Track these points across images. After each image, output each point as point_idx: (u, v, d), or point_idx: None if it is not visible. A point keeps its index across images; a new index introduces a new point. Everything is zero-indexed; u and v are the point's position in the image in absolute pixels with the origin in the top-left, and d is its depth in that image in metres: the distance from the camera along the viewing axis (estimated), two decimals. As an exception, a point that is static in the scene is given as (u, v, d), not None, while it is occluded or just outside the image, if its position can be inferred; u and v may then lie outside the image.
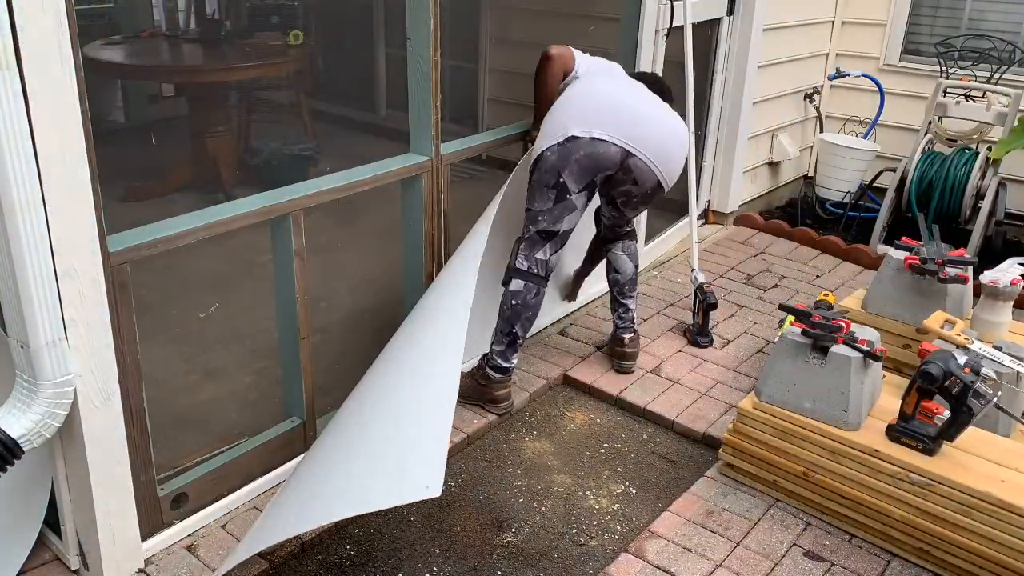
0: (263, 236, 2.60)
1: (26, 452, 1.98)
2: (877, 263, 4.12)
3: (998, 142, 4.23)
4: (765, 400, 2.63)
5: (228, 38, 4.63)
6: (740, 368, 3.39)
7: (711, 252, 4.48)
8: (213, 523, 2.49)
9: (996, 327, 2.96)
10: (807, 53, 5.04)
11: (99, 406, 2.08)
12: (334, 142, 4.66)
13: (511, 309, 2.91)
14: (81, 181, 1.91)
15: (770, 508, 2.64)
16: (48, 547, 2.36)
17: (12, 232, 1.81)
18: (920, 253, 3.13)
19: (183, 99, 4.60)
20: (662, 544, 2.48)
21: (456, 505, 2.67)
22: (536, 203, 2.86)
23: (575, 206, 2.85)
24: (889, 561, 2.45)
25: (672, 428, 3.05)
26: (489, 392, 3.00)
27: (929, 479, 2.36)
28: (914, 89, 5.04)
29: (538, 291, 2.92)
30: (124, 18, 4.92)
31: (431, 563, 2.43)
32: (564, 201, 2.83)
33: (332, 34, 5.06)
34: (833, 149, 5.04)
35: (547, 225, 2.87)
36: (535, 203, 2.87)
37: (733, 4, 4.28)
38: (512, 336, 2.94)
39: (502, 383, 3.00)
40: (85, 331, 2.00)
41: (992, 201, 4.32)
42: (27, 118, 1.78)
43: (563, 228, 2.88)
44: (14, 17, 1.71)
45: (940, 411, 2.41)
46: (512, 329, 2.93)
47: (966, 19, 4.98)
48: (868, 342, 2.52)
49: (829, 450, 2.52)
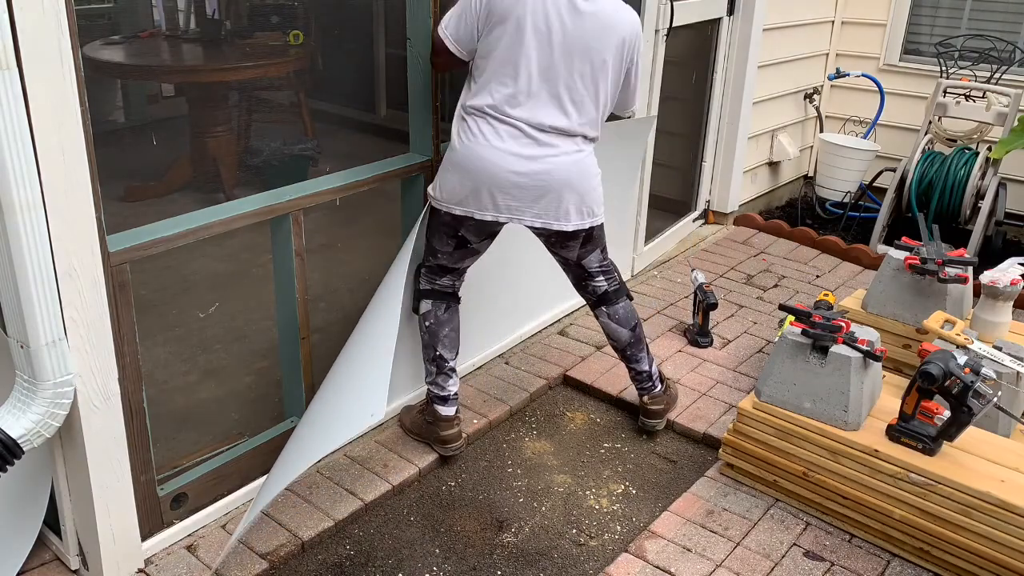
0: (263, 236, 2.60)
1: (26, 452, 1.98)
2: (877, 263, 4.13)
3: (998, 142, 4.23)
4: (765, 400, 2.63)
5: (228, 38, 4.62)
6: (740, 368, 3.39)
7: (711, 252, 4.48)
8: (213, 523, 2.49)
9: (996, 327, 2.96)
10: (807, 53, 5.04)
11: (99, 406, 2.08)
12: (334, 142, 4.66)
13: (428, 332, 2.77)
14: (81, 181, 1.91)
15: (770, 508, 2.64)
16: (48, 547, 2.36)
17: (12, 232, 1.81)
18: (920, 253, 3.13)
19: (183, 99, 4.60)
20: (662, 544, 2.48)
21: (456, 505, 2.67)
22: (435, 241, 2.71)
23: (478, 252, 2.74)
24: (889, 561, 2.45)
25: (672, 428, 3.05)
26: (436, 431, 2.80)
27: (929, 479, 2.36)
28: (914, 89, 5.04)
29: (447, 307, 2.77)
30: (124, 18, 4.91)
31: (431, 563, 2.43)
32: (465, 248, 2.71)
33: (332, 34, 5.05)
34: (833, 149, 5.03)
35: (445, 261, 2.73)
36: (433, 241, 2.71)
37: (733, 4, 4.28)
38: (438, 360, 2.77)
39: (448, 421, 2.79)
40: (85, 331, 2.00)
41: (992, 201, 4.32)
42: (27, 118, 1.78)
43: (464, 266, 2.78)
44: (14, 17, 1.71)
45: (940, 411, 2.41)
46: (436, 352, 2.77)
47: (966, 19, 4.98)
48: (868, 342, 2.52)
49: (829, 450, 2.52)
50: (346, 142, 4.63)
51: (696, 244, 4.59)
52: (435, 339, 2.78)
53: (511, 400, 3.13)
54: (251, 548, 2.40)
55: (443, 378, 2.80)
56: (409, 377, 3.05)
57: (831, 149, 5.05)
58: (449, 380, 2.81)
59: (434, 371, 2.80)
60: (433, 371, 2.81)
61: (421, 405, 2.94)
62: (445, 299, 2.78)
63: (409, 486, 2.73)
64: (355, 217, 3.41)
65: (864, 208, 5.06)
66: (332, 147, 4.39)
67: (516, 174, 2.50)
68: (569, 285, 3.65)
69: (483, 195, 2.52)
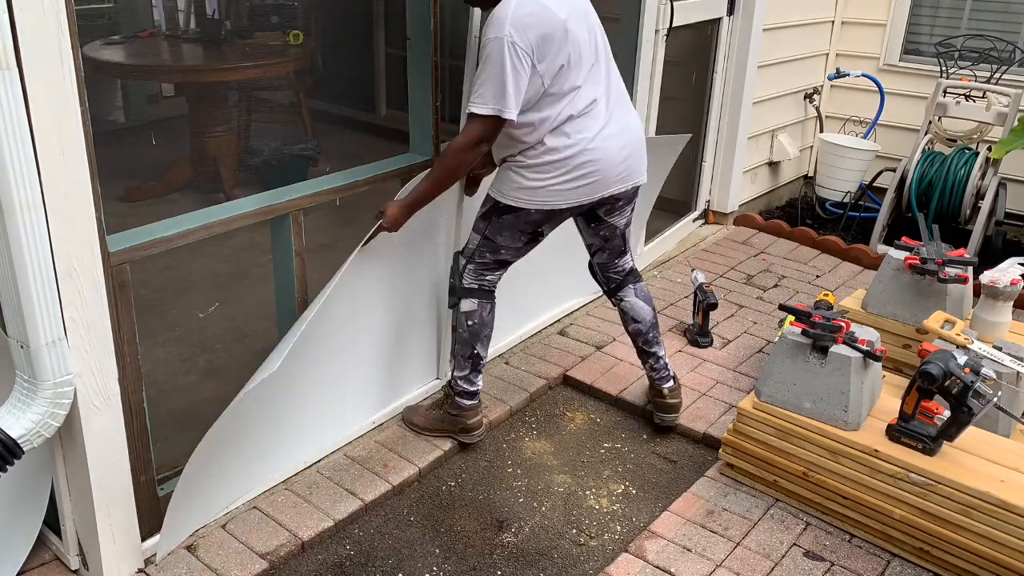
0: (263, 236, 2.61)
1: (26, 452, 1.98)
2: (877, 263, 4.13)
3: (998, 142, 4.23)
4: (765, 400, 2.63)
5: (228, 38, 4.63)
6: (740, 368, 3.39)
7: (711, 252, 4.48)
8: (213, 523, 2.49)
9: (996, 327, 2.96)
10: (807, 53, 5.04)
11: (99, 406, 2.08)
12: (334, 142, 4.66)
13: (468, 330, 2.74)
14: (81, 181, 1.91)
15: (770, 508, 2.64)
16: (48, 547, 2.35)
17: (12, 232, 1.81)
18: (920, 253, 3.13)
19: (183, 99, 4.60)
20: (662, 544, 2.48)
21: (456, 505, 2.67)
22: (501, 239, 2.67)
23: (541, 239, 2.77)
24: (889, 561, 2.45)
25: (672, 428, 3.05)
26: (462, 421, 2.84)
27: (929, 479, 2.36)
28: (914, 89, 5.04)
29: (491, 307, 2.77)
30: (124, 18, 4.91)
31: (431, 563, 2.43)
32: (536, 242, 2.74)
33: (332, 34, 5.05)
34: (833, 149, 5.03)
35: (509, 257, 2.73)
36: (499, 239, 2.67)
37: (733, 4, 4.28)
38: (475, 358, 2.78)
39: (473, 410, 2.84)
40: (85, 331, 2.00)
41: (992, 201, 4.32)
42: (27, 118, 1.78)
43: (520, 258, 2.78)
44: (14, 17, 1.71)
45: (940, 411, 2.41)
46: (474, 351, 2.77)
47: (966, 19, 4.98)
48: (868, 342, 2.52)
49: (829, 450, 2.52)
50: (346, 142, 4.64)
51: (696, 244, 4.59)
52: (475, 338, 2.77)
53: (511, 400, 3.13)
54: (251, 548, 2.40)
55: (475, 374, 2.82)
56: (409, 377, 3.05)
57: (831, 149, 5.05)
58: (480, 375, 2.85)
59: (468, 368, 2.81)
60: (467, 368, 2.81)
61: (434, 402, 2.96)
62: (489, 298, 2.77)
63: (409, 486, 2.73)
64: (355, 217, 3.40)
65: (864, 208, 5.06)
66: (332, 147, 4.39)
67: (622, 147, 2.60)
68: (568, 285, 3.66)
69: (598, 183, 2.58)
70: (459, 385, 2.82)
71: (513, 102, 2.36)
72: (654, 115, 3.91)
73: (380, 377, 2.91)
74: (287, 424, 2.61)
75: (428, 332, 3.06)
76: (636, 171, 2.68)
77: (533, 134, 2.50)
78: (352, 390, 2.81)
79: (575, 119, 2.51)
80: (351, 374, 2.78)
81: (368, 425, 2.91)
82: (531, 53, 2.36)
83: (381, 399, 2.95)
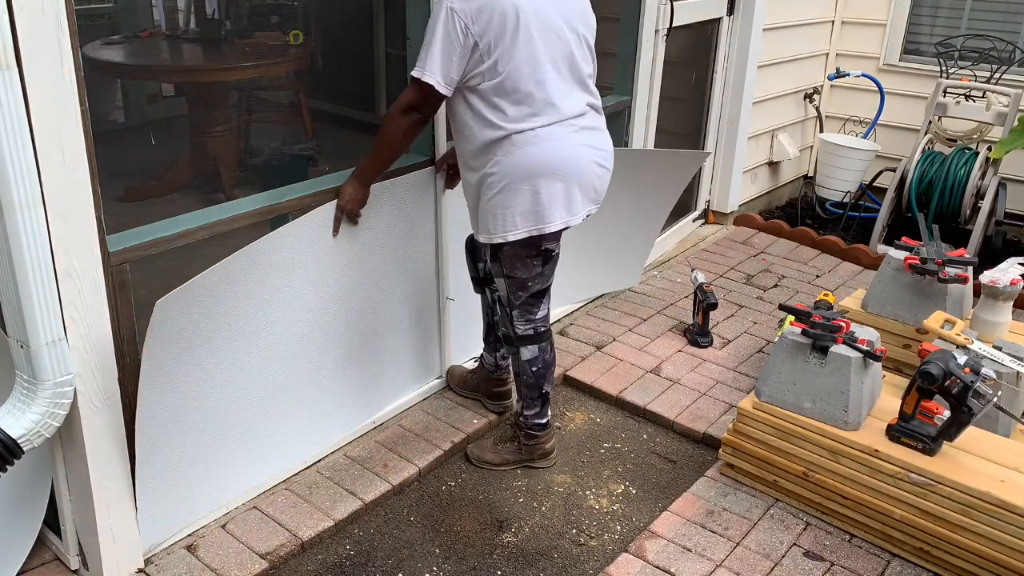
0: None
1: (26, 452, 1.98)
2: (877, 263, 4.13)
3: (998, 142, 4.23)
4: (765, 400, 2.63)
5: (228, 38, 4.62)
6: (740, 368, 3.39)
7: (711, 252, 4.48)
8: (213, 523, 2.48)
9: (996, 327, 2.96)
10: (807, 53, 5.04)
11: (99, 406, 2.08)
12: (334, 142, 4.66)
13: (534, 376, 2.69)
14: (81, 181, 1.91)
15: (770, 508, 2.64)
16: (48, 547, 2.35)
17: (12, 232, 1.81)
18: (920, 253, 3.13)
19: (183, 99, 4.60)
20: (662, 544, 2.48)
21: (456, 505, 2.67)
22: (519, 272, 2.55)
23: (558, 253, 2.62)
24: (889, 561, 2.45)
25: (672, 428, 3.05)
26: (540, 448, 2.81)
27: (929, 479, 2.36)
28: (914, 89, 5.04)
29: (551, 345, 2.71)
30: (124, 18, 4.91)
31: (431, 563, 2.43)
32: (550, 260, 2.59)
33: (332, 34, 5.05)
34: (833, 149, 5.03)
35: (540, 285, 2.61)
36: (517, 272, 2.55)
37: (733, 4, 4.28)
38: (544, 396, 2.75)
39: (547, 436, 2.82)
40: (85, 331, 2.00)
41: (992, 201, 4.32)
42: (27, 118, 1.78)
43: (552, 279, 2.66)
44: (14, 17, 1.71)
45: (940, 411, 2.41)
46: (542, 392, 2.74)
47: (966, 19, 4.98)
48: (868, 342, 2.52)
49: (829, 450, 2.52)
50: (346, 142, 4.63)
51: (696, 244, 4.59)
52: (542, 380, 2.72)
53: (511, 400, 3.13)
54: (251, 548, 2.40)
55: (546, 408, 2.78)
56: (410, 377, 3.05)
57: (831, 149, 5.05)
58: (549, 406, 2.79)
59: (538, 406, 2.76)
60: (538, 406, 2.76)
61: (499, 435, 2.89)
62: (547, 339, 2.69)
63: (409, 486, 2.73)
64: (355, 217, 3.39)
65: (864, 208, 5.06)
66: (332, 147, 4.38)
67: (599, 165, 2.48)
68: (568, 284, 3.66)
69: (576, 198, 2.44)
70: (531, 421, 2.79)
71: (439, 68, 2.23)
72: (654, 115, 3.91)
73: (380, 376, 2.91)
74: (286, 424, 2.61)
75: (428, 331, 3.06)
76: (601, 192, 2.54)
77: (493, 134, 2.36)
78: (352, 389, 2.81)
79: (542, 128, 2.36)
80: (351, 373, 2.78)
81: (368, 425, 2.91)
82: (471, 24, 2.21)
83: (381, 399, 2.95)
